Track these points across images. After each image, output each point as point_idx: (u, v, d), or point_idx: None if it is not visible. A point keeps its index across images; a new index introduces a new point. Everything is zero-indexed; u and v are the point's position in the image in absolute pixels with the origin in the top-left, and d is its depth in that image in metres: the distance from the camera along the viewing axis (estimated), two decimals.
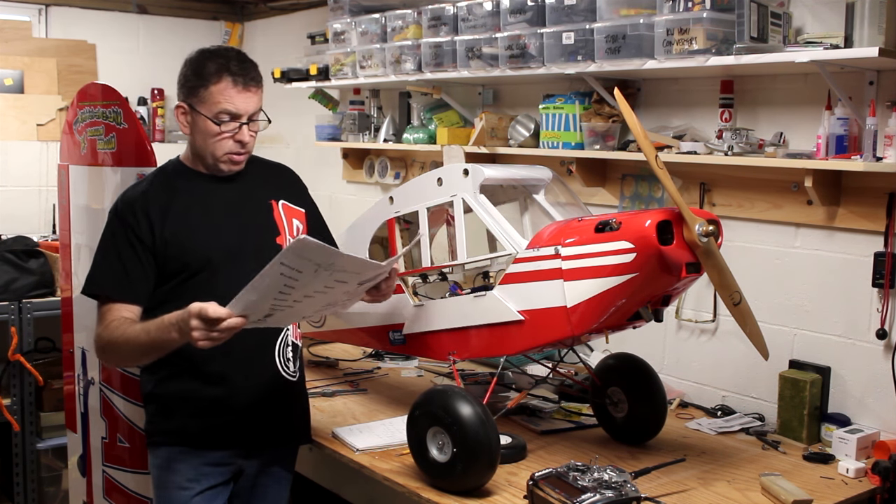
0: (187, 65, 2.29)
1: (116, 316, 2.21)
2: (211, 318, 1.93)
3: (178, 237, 2.26)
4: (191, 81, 2.27)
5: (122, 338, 2.15)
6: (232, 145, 2.29)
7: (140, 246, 2.25)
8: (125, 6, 5.31)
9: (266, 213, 2.41)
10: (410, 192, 2.75)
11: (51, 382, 4.04)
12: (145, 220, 2.26)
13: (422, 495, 2.28)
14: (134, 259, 2.25)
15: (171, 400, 2.36)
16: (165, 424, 2.37)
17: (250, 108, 2.28)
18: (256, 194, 2.42)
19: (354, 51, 4.00)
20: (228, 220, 2.34)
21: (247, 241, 2.33)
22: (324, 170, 4.95)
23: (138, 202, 2.29)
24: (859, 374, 2.72)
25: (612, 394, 2.68)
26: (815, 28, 2.75)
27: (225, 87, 2.23)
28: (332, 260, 1.90)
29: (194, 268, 2.27)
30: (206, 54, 2.28)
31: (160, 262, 2.27)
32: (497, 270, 2.82)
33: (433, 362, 3.47)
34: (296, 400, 2.52)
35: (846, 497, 2.35)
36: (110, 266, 2.26)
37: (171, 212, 2.28)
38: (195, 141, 2.32)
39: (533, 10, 3.17)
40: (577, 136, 3.26)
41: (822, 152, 2.62)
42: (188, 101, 2.28)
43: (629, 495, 2.02)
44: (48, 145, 4.89)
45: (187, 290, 2.25)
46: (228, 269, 2.27)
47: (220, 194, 2.36)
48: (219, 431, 2.34)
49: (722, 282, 2.26)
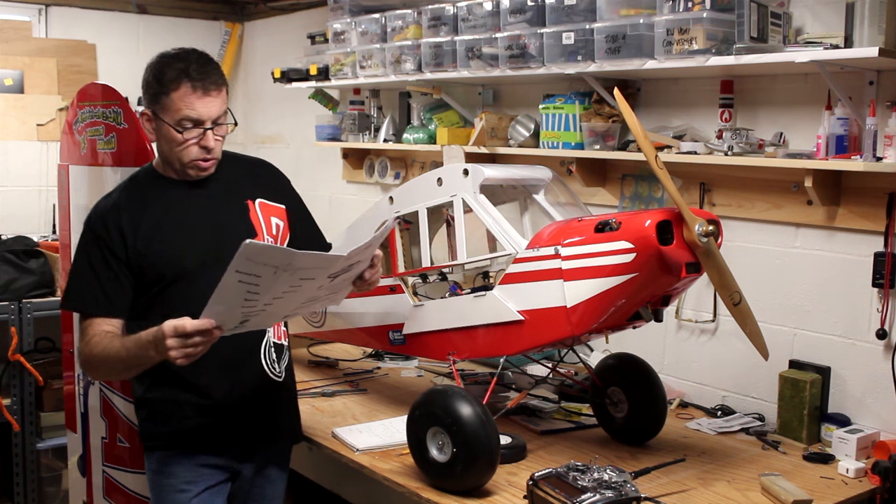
0: (149, 70, 2.23)
1: (97, 331, 2.19)
2: (189, 332, 1.92)
3: (151, 248, 2.23)
4: (152, 88, 2.20)
5: (102, 354, 2.14)
6: (197, 152, 2.23)
7: (114, 260, 2.22)
8: (125, 6, 5.31)
9: (242, 214, 2.35)
10: (410, 192, 2.75)
11: (51, 382, 4.04)
12: (117, 233, 2.22)
13: (422, 495, 2.28)
14: (109, 273, 2.22)
15: (161, 404, 2.34)
16: (157, 428, 2.36)
17: (213, 112, 2.20)
18: (231, 196, 2.36)
19: (354, 51, 4.00)
20: (203, 226, 2.29)
21: (223, 247, 2.21)
22: (324, 170, 4.95)
23: (110, 215, 2.25)
24: (859, 374, 2.72)
25: (612, 394, 2.68)
26: (815, 28, 2.75)
27: (185, 93, 2.16)
28: (289, 260, 1.85)
29: (170, 277, 2.24)
30: (165, 59, 2.21)
31: (136, 273, 2.24)
32: (497, 270, 2.82)
33: (433, 362, 3.47)
34: (284, 400, 2.50)
35: (846, 497, 2.35)
36: (86, 281, 2.23)
37: (144, 222, 2.25)
38: (161, 147, 2.28)
39: (533, 10, 3.17)
40: (577, 136, 3.26)
41: (822, 152, 2.62)
42: (151, 108, 2.23)
43: (629, 495, 2.02)
44: (48, 145, 4.89)
45: (166, 299, 2.24)
46: (205, 276, 2.15)
47: (194, 200, 2.31)
48: (211, 435, 2.33)
49: (722, 282, 2.26)
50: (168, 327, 1.93)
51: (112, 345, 2.14)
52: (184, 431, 2.32)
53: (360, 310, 2.91)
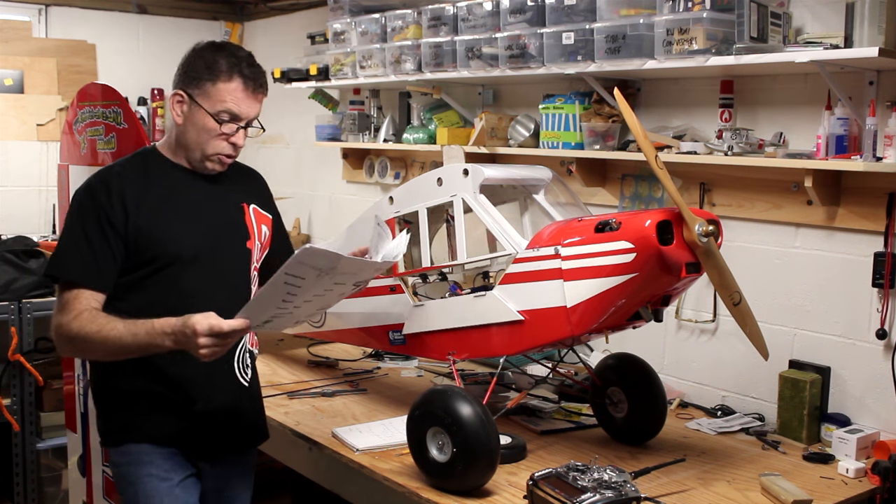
0: (196, 55, 2.21)
1: (86, 306, 2.11)
2: (226, 332, 1.94)
3: (151, 228, 2.18)
4: (198, 72, 2.18)
5: (98, 334, 2.06)
6: (225, 146, 2.24)
7: (111, 231, 2.15)
8: (125, 6, 5.31)
9: (239, 215, 2.36)
10: (410, 192, 2.75)
11: (51, 382, 4.04)
12: (120, 206, 2.15)
13: (422, 495, 2.28)
14: (104, 244, 2.14)
15: (131, 397, 2.26)
16: (127, 421, 2.27)
17: (252, 113, 2.24)
18: (231, 195, 2.36)
19: (354, 51, 4.00)
20: (202, 217, 2.27)
21: (218, 241, 2.28)
22: (324, 170, 4.95)
23: (114, 185, 2.18)
24: (859, 374, 2.72)
25: (612, 394, 2.68)
26: (815, 28, 2.75)
27: (236, 87, 2.18)
28: (335, 264, 1.90)
29: (163, 261, 2.20)
30: (218, 48, 2.22)
31: (129, 250, 2.17)
32: (497, 270, 2.82)
33: (433, 362, 3.47)
34: (252, 403, 2.45)
35: (846, 497, 2.35)
36: (78, 250, 2.14)
37: (147, 201, 2.19)
38: (186, 133, 2.23)
39: (533, 10, 3.17)
40: (576, 136, 3.26)
41: (822, 152, 2.62)
42: (189, 91, 2.20)
43: (629, 495, 2.02)
44: (48, 145, 4.89)
45: (153, 282, 2.20)
46: (196, 266, 2.22)
47: (197, 190, 2.29)
48: (180, 433, 2.27)
49: (722, 282, 2.26)
50: (203, 326, 1.93)
51: (112, 326, 2.06)
52: (153, 424, 2.26)
53: (360, 310, 2.91)
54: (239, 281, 2.34)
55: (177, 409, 2.26)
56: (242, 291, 2.33)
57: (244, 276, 2.36)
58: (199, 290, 2.21)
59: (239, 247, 2.34)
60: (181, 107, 2.22)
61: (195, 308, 2.01)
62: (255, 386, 2.48)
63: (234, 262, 2.33)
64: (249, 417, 2.44)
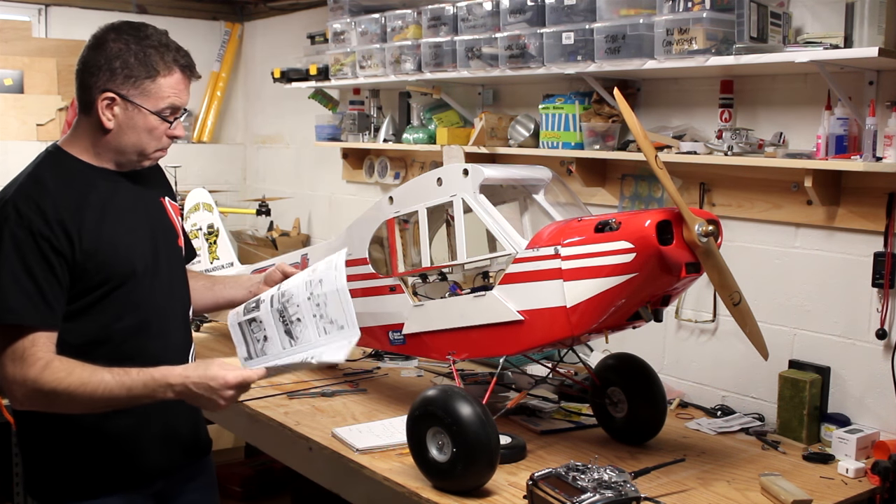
0: (118, 49, 1.98)
1: (49, 352, 1.87)
2: (253, 381, 1.92)
3: (97, 248, 1.95)
4: (130, 70, 1.96)
5: (79, 389, 1.84)
6: (165, 141, 2.05)
7: (58, 260, 1.89)
8: (125, 6, 5.31)
9: (162, 213, 2.19)
10: (410, 192, 2.75)
11: None
12: (60, 229, 1.90)
13: (422, 495, 2.28)
14: (50, 276, 1.88)
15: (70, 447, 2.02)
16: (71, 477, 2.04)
17: (189, 99, 2.07)
18: (149, 192, 2.17)
19: (354, 51, 4.00)
20: (139, 225, 2.09)
21: (159, 248, 2.12)
22: (324, 170, 4.96)
23: (47, 206, 1.90)
24: (859, 374, 2.72)
25: (611, 394, 2.68)
26: (815, 28, 2.75)
27: (177, 80, 2.01)
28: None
29: (115, 282, 1.99)
30: (138, 38, 2.01)
31: (75, 276, 1.93)
32: (497, 270, 2.82)
33: (433, 362, 3.47)
34: (189, 411, 2.18)
35: (846, 497, 2.35)
36: (23, 287, 1.86)
37: (85, 218, 1.95)
38: (121, 136, 2.00)
39: (533, 10, 3.17)
40: (576, 136, 3.26)
41: (822, 152, 2.62)
42: (122, 91, 1.96)
43: (629, 495, 2.02)
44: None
45: (106, 305, 1.99)
46: (148, 278, 2.06)
47: (125, 196, 2.07)
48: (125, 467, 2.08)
49: (722, 282, 2.26)
50: (235, 377, 1.88)
51: (96, 379, 1.85)
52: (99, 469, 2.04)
53: (360, 310, 2.89)
54: (180, 282, 2.22)
55: (123, 442, 2.06)
56: (185, 295, 2.24)
57: (183, 276, 2.24)
58: (151, 304, 2.07)
59: (174, 248, 2.20)
60: (111, 110, 1.98)
61: (153, 321, 1.95)
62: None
63: (175, 266, 2.20)
64: (198, 424, 2.31)
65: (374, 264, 2.91)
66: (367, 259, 2.90)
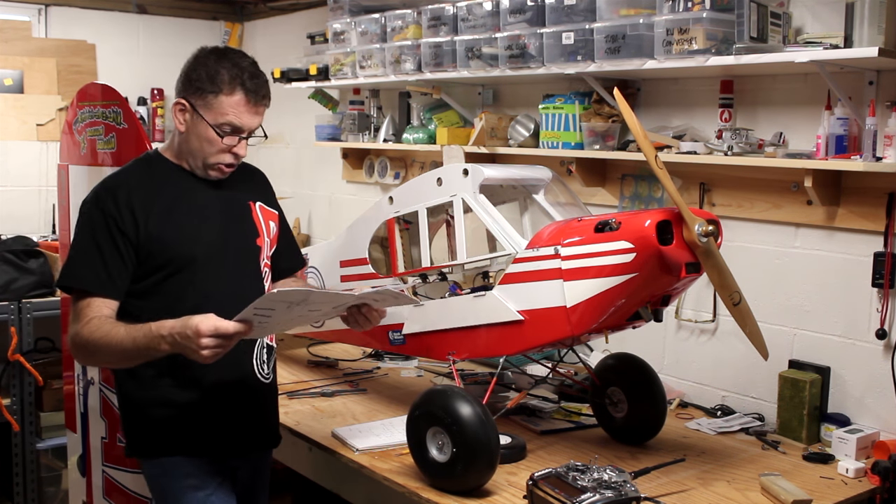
0: (199, 64, 2.20)
1: (97, 313, 2.12)
2: (231, 334, 1.94)
3: (162, 233, 2.20)
4: (201, 84, 2.18)
5: (103, 340, 2.07)
6: (226, 157, 2.24)
7: (122, 238, 2.16)
8: (125, 6, 5.31)
9: (246, 213, 2.38)
10: (410, 192, 2.75)
11: (51, 382, 4.04)
12: (129, 213, 2.17)
13: (422, 495, 2.28)
14: (114, 252, 2.15)
15: (156, 408, 2.28)
16: (156, 434, 2.30)
17: (254, 124, 2.24)
18: (237, 195, 2.37)
19: (354, 51, 4.00)
20: (211, 218, 2.29)
21: (229, 241, 2.30)
22: (324, 170, 4.95)
23: (121, 193, 2.19)
24: (859, 374, 2.72)
25: (611, 394, 2.68)
26: (815, 28, 2.75)
27: (238, 101, 2.18)
28: (304, 297, 1.96)
29: (177, 265, 2.21)
30: (220, 57, 2.20)
31: (141, 256, 2.19)
32: (497, 270, 2.82)
33: (433, 362, 3.47)
34: (270, 403, 2.48)
35: (846, 497, 2.35)
36: (89, 258, 2.16)
37: (156, 206, 2.21)
38: (189, 141, 2.24)
39: (533, 10, 3.17)
40: (576, 136, 3.26)
41: (822, 152, 2.62)
42: (191, 100, 2.20)
43: (629, 495, 2.02)
44: (48, 145, 4.89)
45: (168, 285, 2.21)
46: (209, 267, 2.25)
47: (203, 193, 2.30)
48: (208, 440, 2.30)
49: (722, 282, 2.26)
50: (207, 326, 1.92)
51: (115, 331, 2.06)
52: (185, 435, 2.28)
53: None
54: (251, 278, 2.36)
55: (202, 417, 2.28)
56: (255, 288, 2.35)
57: (255, 272, 2.38)
58: (213, 290, 2.24)
59: (249, 244, 2.36)
60: (183, 115, 2.22)
61: (212, 308, 2.03)
62: (275, 384, 2.51)
63: (246, 260, 2.36)
64: (265, 415, 2.46)
65: (374, 264, 2.92)
66: (367, 259, 2.90)
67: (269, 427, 2.48)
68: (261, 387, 2.40)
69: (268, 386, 2.44)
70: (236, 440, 2.35)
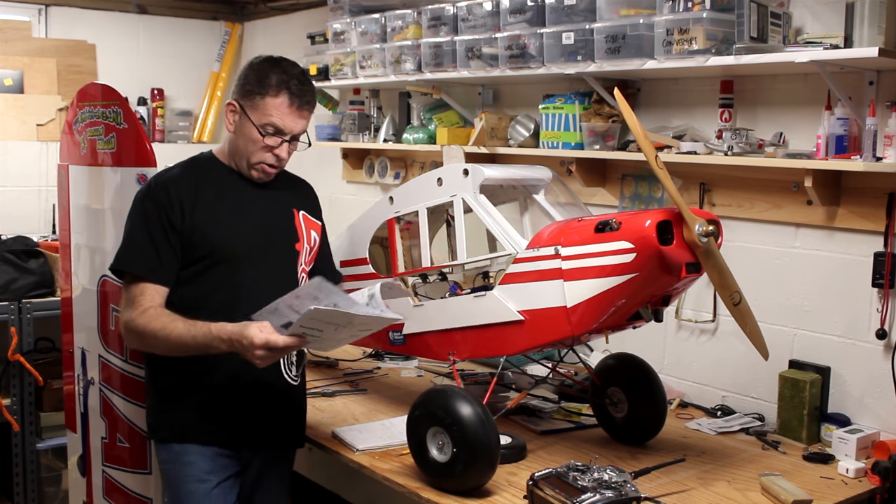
0: (251, 68, 2.33)
1: (153, 302, 2.25)
2: (280, 347, 2.04)
3: (206, 226, 2.31)
4: (250, 86, 2.30)
5: (161, 331, 2.18)
6: (268, 157, 2.35)
7: (171, 229, 2.28)
8: (125, 6, 5.31)
9: (289, 218, 2.48)
10: (410, 192, 2.75)
11: (51, 382, 4.03)
12: (177, 205, 2.29)
13: (422, 495, 2.28)
14: (165, 241, 2.28)
15: (179, 395, 2.38)
16: (174, 420, 2.39)
17: (297, 129, 2.34)
18: (281, 200, 2.48)
19: (354, 51, 4.00)
20: (254, 217, 2.39)
21: (270, 241, 2.40)
22: (324, 170, 4.95)
23: (172, 186, 2.32)
24: (859, 374, 2.72)
25: (612, 394, 2.68)
26: (815, 28, 2.75)
27: (282, 102, 2.29)
28: (349, 320, 2.04)
29: (217, 258, 2.32)
30: (271, 64, 2.32)
31: (185, 246, 2.30)
32: (497, 270, 2.82)
33: (433, 362, 3.47)
34: (296, 405, 2.56)
35: (846, 497, 2.35)
36: (142, 245, 2.29)
37: (202, 200, 2.33)
38: (236, 141, 2.36)
39: (533, 10, 3.17)
40: (576, 136, 3.26)
41: (822, 152, 2.62)
42: (241, 102, 2.32)
43: (629, 495, 2.02)
44: (48, 145, 4.89)
45: (206, 277, 2.32)
46: (248, 264, 2.35)
47: (249, 193, 2.41)
48: (224, 433, 2.38)
49: (722, 282, 2.26)
50: (259, 339, 2.02)
51: (173, 325, 2.18)
52: (195, 421, 2.36)
53: None
54: (287, 280, 2.42)
55: (223, 410, 2.36)
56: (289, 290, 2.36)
57: (291, 275, 2.45)
58: (249, 286, 2.33)
59: (288, 247, 2.45)
60: (233, 116, 2.35)
61: (244, 303, 2.16)
62: (303, 387, 2.58)
63: (283, 262, 2.44)
64: (291, 418, 2.53)
65: (374, 264, 2.92)
66: (367, 259, 2.90)
67: (290, 427, 2.54)
68: (285, 386, 2.46)
69: (294, 387, 2.49)
70: (251, 435, 2.41)
